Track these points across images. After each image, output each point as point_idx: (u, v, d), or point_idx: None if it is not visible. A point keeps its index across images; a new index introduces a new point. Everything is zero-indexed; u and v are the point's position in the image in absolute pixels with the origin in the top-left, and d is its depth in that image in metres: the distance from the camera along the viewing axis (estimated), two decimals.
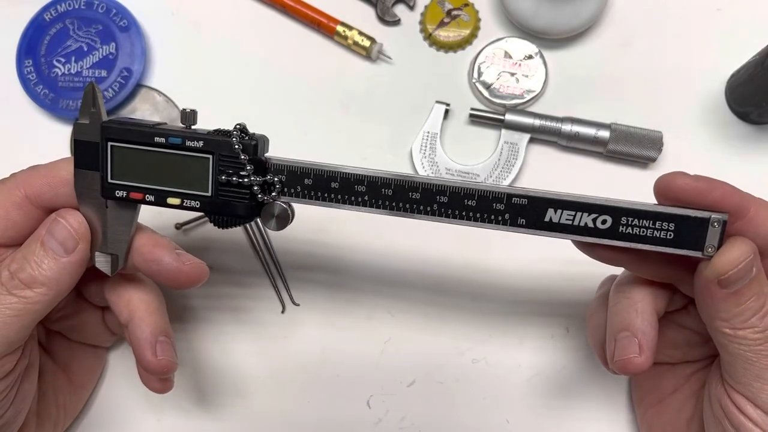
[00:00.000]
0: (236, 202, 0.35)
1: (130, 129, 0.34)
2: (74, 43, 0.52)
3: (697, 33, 0.51)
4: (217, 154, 0.34)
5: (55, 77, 0.52)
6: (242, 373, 0.48)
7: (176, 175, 0.35)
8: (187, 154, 0.34)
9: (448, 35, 0.52)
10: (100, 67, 0.51)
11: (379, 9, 0.53)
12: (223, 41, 0.53)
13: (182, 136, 0.34)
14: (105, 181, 0.35)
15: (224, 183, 0.34)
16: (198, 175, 0.34)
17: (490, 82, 0.51)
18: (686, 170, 0.33)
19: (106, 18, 0.52)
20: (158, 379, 0.39)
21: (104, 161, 0.35)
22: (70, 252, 0.35)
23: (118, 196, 0.35)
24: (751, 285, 0.31)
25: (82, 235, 0.35)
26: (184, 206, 0.35)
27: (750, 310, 0.31)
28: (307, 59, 0.53)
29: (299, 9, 0.52)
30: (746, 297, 0.31)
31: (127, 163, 0.35)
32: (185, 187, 0.35)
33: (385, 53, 0.52)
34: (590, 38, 0.52)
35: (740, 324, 0.31)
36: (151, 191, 0.35)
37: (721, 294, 0.31)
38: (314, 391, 0.48)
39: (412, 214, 0.34)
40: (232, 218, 0.35)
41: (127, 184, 0.35)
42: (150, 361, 0.37)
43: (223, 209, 0.35)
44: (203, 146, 0.34)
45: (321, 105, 0.52)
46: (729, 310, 0.31)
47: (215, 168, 0.34)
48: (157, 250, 0.36)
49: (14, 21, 0.53)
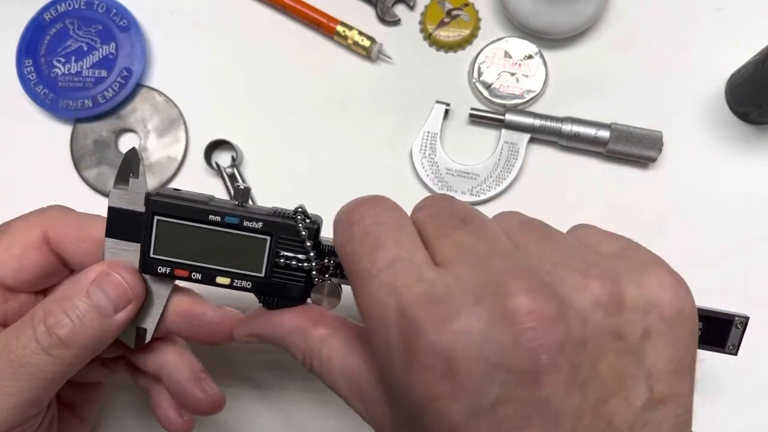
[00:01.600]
0: (291, 284, 0.33)
1: (182, 205, 0.32)
2: (74, 43, 0.52)
3: (697, 33, 0.51)
4: (276, 236, 0.33)
5: (55, 77, 0.52)
6: (242, 373, 0.48)
7: (227, 254, 0.33)
8: (243, 234, 0.33)
9: (448, 35, 0.52)
10: (100, 67, 0.51)
11: (379, 9, 0.53)
12: (223, 41, 0.53)
13: (240, 216, 0.33)
14: (146, 255, 0.33)
15: (282, 266, 0.33)
16: (252, 255, 0.33)
17: (490, 82, 0.51)
18: (686, 170, 0.33)
19: (106, 18, 0.52)
20: (182, 419, 0.37)
21: (148, 235, 0.33)
22: (119, 311, 0.32)
23: (161, 272, 0.33)
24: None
25: (137, 294, 0.33)
26: (233, 286, 0.33)
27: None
28: (307, 59, 0.53)
29: (299, 9, 0.52)
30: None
31: (173, 239, 0.33)
32: (235, 267, 0.33)
33: (385, 53, 0.52)
34: (590, 38, 0.52)
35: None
36: (198, 269, 0.33)
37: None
38: (314, 391, 0.48)
39: None
40: (284, 300, 0.33)
41: (171, 260, 0.33)
42: (201, 398, 0.35)
43: (276, 291, 0.33)
44: (262, 227, 0.33)
45: (321, 105, 0.52)
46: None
47: (272, 250, 0.33)
48: (197, 307, 0.35)
49: (14, 21, 0.53)
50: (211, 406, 0.36)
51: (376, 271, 0.25)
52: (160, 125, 0.52)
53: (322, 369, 0.31)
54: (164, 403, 0.37)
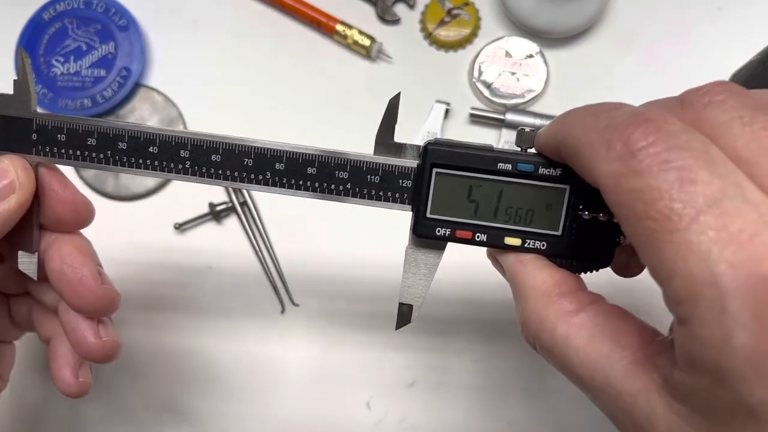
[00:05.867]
0: (595, 244, 0.28)
1: (467, 153, 0.28)
2: (73, 43, 0.52)
3: (697, 32, 0.51)
4: (576, 186, 0.27)
5: (54, 77, 0.51)
6: (242, 373, 0.48)
7: (517, 210, 0.28)
8: (537, 184, 0.28)
9: (448, 34, 0.52)
10: (99, 67, 0.51)
11: (379, 8, 0.52)
12: (222, 40, 0.53)
13: (534, 162, 0.28)
14: (422, 216, 0.29)
15: (584, 222, 0.28)
16: (547, 210, 0.28)
17: (491, 82, 0.50)
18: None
19: (105, 17, 0.52)
20: (77, 380, 0.34)
21: (424, 192, 0.29)
22: (1, 199, 0.29)
23: (440, 234, 0.29)
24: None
25: (25, 186, 0.30)
26: (525, 248, 0.29)
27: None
28: (307, 58, 0.53)
29: (299, 8, 0.52)
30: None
31: (453, 195, 0.29)
32: (526, 224, 0.28)
33: (385, 52, 0.52)
34: (591, 37, 0.52)
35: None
36: (483, 229, 0.29)
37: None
38: (314, 392, 0.47)
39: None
40: (589, 264, 0.28)
41: (452, 220, 0.29)
42: (92, 343, 0.32)
43: (577, 253, 0.28)
44: (561, 175, 0.28)
45: (320, 104, 0.52)
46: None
47: (571, 202, 0.28)
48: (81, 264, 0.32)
49: (13, 20, 0.52)
50: (102, 353, 0.33)
51: (693, 213, 0.19)
52: (159, 124, 0.51)
53: (554, 349, 0.25)
54: (61, 359, 0.34)
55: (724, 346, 0.18)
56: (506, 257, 0.29)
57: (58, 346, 0.34)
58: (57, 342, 0.35)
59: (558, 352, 0.25)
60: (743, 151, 0.20)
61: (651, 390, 0.22)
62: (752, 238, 0.18)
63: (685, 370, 0.20)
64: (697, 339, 0.19)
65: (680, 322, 0.20)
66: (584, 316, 0.25)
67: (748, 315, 0.18)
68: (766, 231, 0.18)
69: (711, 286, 0.18)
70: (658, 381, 0.22)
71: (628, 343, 0.23)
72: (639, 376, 0.22)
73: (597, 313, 0.25)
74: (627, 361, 0.23)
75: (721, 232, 0.18)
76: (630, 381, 0.22)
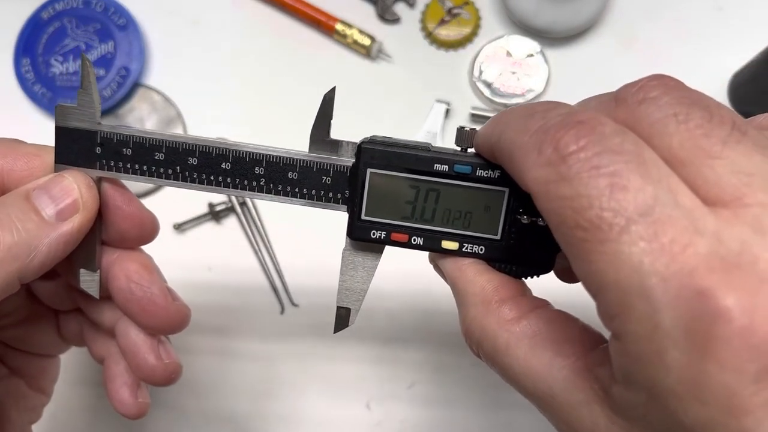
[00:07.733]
0: (535, 248, 0.27)
1: (402, 153, 0.27)
2: (72, 42, 0.52)
3: (698, 32, 0.51)
4: (515, 188, 0.26)
5: (53, 76, 0.51)
6: (241, 373, 0.48)
7: (454, 213, 0.28)
8: (474, 186, 0.27)
9: (448, 33, 0.52)
10: (98, 66, 0.51)
11: (380, 7, 0.52)
12: (221, 40, 0.53)
13: (471, 164, 0.27)
14: (356, 218, 0.28)
15: (523, 225, 0.27)
16: (485, 212, 0.27)
17: (491, 81, 0.50)
18: None
19: (104, 17, 0.52)
20: (136, 401, 0.33)
21: (358, 193, 0.28)
22: (64, 219, 0.27)
23: (374, 237, 0.28)
24: None
25: (88, 206, 0.28)
26: (462, 252, 0.28)
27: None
28: (307, 58, 0.52)
29: (298, 7, 0.52)
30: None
31: (388, 196, 0.28)
32: (465, 228, 0.28)
33: (385, 52, 0.52)
34: (592, 37, 0.52)
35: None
36: (419, 232, 0.28)
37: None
38: (314, 393, 0.47)
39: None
40: (526, 268, 0.28)
41: (387, 222, 0.28)
42: (154, 365, 0.31)
43: (517, 257, 0.28)
44: (499, 177, 0.27)
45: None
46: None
47: (510, 205, 0.27)
48: (146, 274, 0.31)
49: (12, 19, 0.52)
50: (164, 376, 0.32)
51: (623, 222, 0.18)
52: (158, 124, 0.51)
53: (496, 358, 0.24)
54: (118, 379, 0.33)
55: (658, 363, 0.17)
56: (445, 262, 0.28)
57: (113, 366, 0.33)
58: (112, 362, 0.33)
59: (500, 362, 0.24)
60: (678, 150, 0.19)
61: (592, 402, 0.21)
62: (684, 248, 0.17)
63: (623, 384, 0.19)
64: (631, 355, 0.18)
65: (614, 337, 0.19)
66: (525, 324, 0.24)
67: (680, 331, 0.17)
68: (699, 240, 0.17)
69: (643, 301, 0.17)
70: (599, 392, 0.21)
71: (569, 351, 0.23)
72: (580, 387, 0.21)
73: (538, 320, 0.24)
74: (568, 371, 0.22)
75: (653, 242, 0.17)
76: (571, 392, 0.22)
